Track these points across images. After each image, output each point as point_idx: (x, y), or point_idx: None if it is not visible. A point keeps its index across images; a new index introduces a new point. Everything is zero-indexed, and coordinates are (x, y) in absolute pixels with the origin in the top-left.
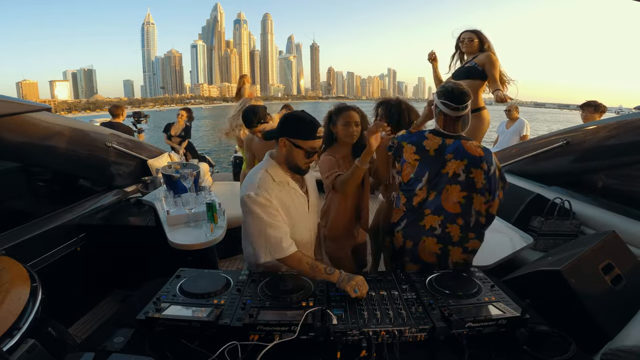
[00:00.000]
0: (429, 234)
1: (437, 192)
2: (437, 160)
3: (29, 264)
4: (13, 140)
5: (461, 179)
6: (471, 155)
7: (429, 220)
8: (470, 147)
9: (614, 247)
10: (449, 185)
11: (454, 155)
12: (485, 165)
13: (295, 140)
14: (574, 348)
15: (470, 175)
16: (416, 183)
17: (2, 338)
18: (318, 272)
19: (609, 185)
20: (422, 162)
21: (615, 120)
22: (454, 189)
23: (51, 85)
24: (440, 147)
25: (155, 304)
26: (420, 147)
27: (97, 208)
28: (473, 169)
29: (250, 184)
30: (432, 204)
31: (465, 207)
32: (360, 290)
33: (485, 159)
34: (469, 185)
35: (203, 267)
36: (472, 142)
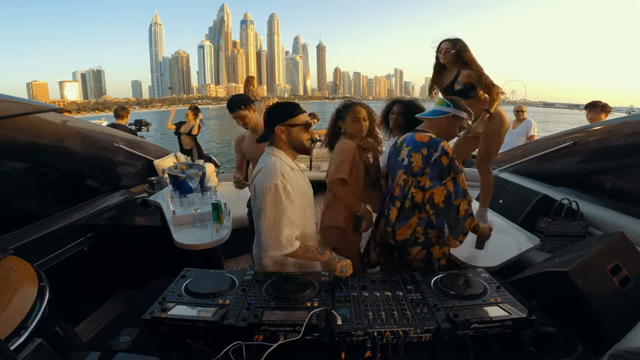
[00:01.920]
0: (381, 216)
1: (393, 177)
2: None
3: (36, 263)
4: (21, 140)
5: (405, 163)
6: (416, 140)
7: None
8: (419, 135)
9: (622, 248)
10: (398, 170)
11: (406, 144)
12: (425, 150)
13: (290, 121)
14: (581, 349)
15: (411, 159)
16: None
17: (9, 337)
18: (310, 253)
19: (617, 186)
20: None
21: (623, 120)
22: (400, 173)
23: (61, 86)
24: (404, 139)
25: (160, 304)
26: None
27: (103, 208)
28: (413, 153)
29: (272, 172)
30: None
31: (403, 188)
32: (346, 272)
33: (428, 144)
34: (408, 168)
35: (208, 267)
36: (425, 133)
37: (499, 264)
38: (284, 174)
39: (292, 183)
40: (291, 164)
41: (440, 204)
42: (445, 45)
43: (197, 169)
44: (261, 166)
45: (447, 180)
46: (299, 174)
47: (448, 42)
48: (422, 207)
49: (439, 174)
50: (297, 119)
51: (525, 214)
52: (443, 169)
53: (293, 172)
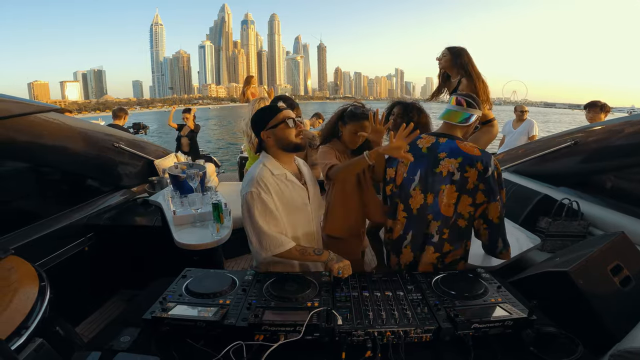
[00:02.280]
0: (428, 241)
1: (435, 194)
2: (429, 158)
3: (37, 263)
4: (22, 140)
5: (455, 177)
6: (466, 153)
7: (433, 226)
8: (465, 146)
9: (623, 248)
10: (444, 186)
11: (448, 154)
12: (480, 165)
13: (270, 123)
14: (582, 350)
15: (465, 174)
16: (409, 182)
17: (10, 337)
18: (307, 255)
19: (618, 186)
20: (415, 161)
21: (624, 120)
22: (450, 189)
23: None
24: (433, 145)
25: (161, 304)
26: (413, 145)
27: (104, 208)
28: (468, 167)
29: (250, 181)
30: (432, 208)
31: (455, 207)
32: (343, 273)
33: (482, 159)
34: (462, 184)
35: (209, 267)
36: (467, 143)
37: (500, 264)
38: (261, 181)
39: (272, 189)
40: (280, 171)
41: (495, 220)
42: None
43: (197, 169)
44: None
45: (500, 195)
46: (291, 180)
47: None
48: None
49: (494, 189)
50: (276, 118)
51: (525, 214)
52: (496, 185)
53: (278, 178)
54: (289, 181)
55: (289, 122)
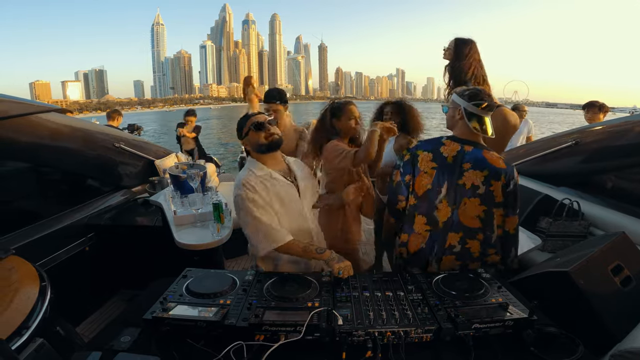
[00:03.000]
0: (448, 252)
1: (455, 206)
2: (454, 169)
3: (38, 263)
4: (23, 140)
5: (480, 191)
6: (493, 166)
7: (449, 238)
8: (492, 157)
9: (624, 249)
10: (467, 199)
11: (473, 165)
12: (504, 178)
13: (243, 132)
14: (582, 350)
15: (490, 187)
16: (434, 195)
17: (11, 337)
18: (310, 253)
19: (619, 186)
20: (440, 170)
21: (624, 120)
22: (473, 203)
23: (63, 86)
24: (459, 154)
25: (161, 304)
26: (437, 153)
27: (105, 208)
28: (493, 181)
29: (237, 184)
30: (451, 221)
31: (485, 221)
32: (343, 274)
33: (507, 172)
34: (488, 198)
35: (209, 267)
36: (493, 153)
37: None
38: (246, 183)
39: (259, 188)
40: (263, 172)
41: (511, 231)
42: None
43: (198, 169)
44: None
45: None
46: (276, 177)
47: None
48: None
49: (514, 203)
50: (246, 126)
51: (526, 214)
52: (517, 198)
53: (263, 178)
54: (274, 179)
55: (254, 127)
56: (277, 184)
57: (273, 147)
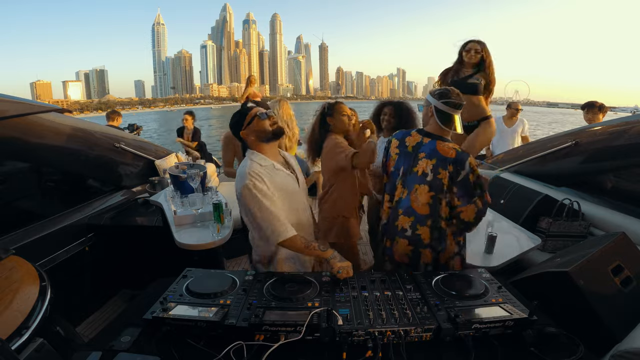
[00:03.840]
0: (401, 234)
1: (408, 191)
2: (411, 157)
3: (38, 263)
4: (23, 141)
5: (429, 178)
6: (441, 155)
7: (401, 221)
8: (443, 147)
9: (624, 249)
10: (418, 185)
11: (427, 154)
12: (451, 167)
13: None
14: (582, 350)
15: (438, 175)
16: (395, 176)
17: (11, 337)
18: (312, 249)
19: (619, 186)
20: (400, 156)
21: (624, 120)
22: (423, 189)
23: (64, 86)
24: (417, 145)
25: (162, 304)
26: (402, 142)
27: (105, 208)
28: (441, 169)
29: (242, 176)
30: (404, 204)
31: (433, 208)
32: (342, 273)
33: (455, 161)
34: (436, 185)
35: (209, 267)
36: (447, 144)
37: (501, 264)
38: (252, 172)
39: (265, 178)
40: (266, 162)
41: (470, 220)
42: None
43: (198, 169)
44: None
45: (476, 198)
46: (279, 168)
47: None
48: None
49: (468, 192)
50: (249, 115)
51: (526, 214)
52: (470, 187)
53: (266, 169)
54: (278, 170)
55: (260, 116)
56: (279, 174)
57: (278, 134)
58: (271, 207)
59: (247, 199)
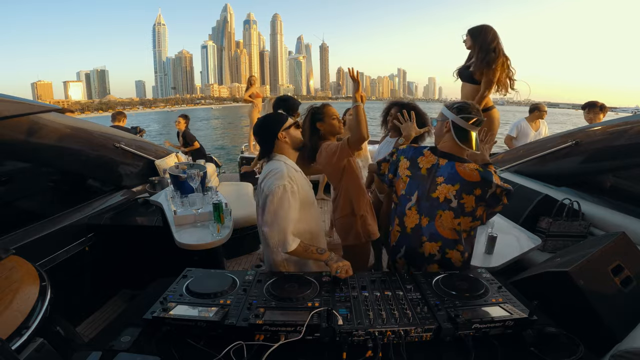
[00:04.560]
0: (430, 260)
1: (431, 218)
2: (427, 181)
3: (38, 263)
4: (23, 140)
5: (453, 204)
6: (464, 179)
7: (427, 247)
8: (464, 170)
9: (624, 249)
10: (442, 212)
11: (446, 179)
12: (479, 190)
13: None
14: (582, 350)
15: (461, 201)
16: (405, 201)
17: (11, 337)
18: (310, 252)
19: (619, 186)
20: (413, 180)
21: (625, 120)
22: (448, 216)
23: (65, 86)
24: (433, 167)
25: (162, 304)
26: (414, 163)
27: (105, 208)
28: (464, 194)
29: (281, 175)
30: (427, 230)
31: (460, 232)
32: (341, 273)
33: (481, 183)
34: (461, 210)
35: (209, 267)
36: (468, 165)
37: (501, 264)
38: (291, 176)
39: (297, 184)
40: (295, 166)
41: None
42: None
43: (198, 169)
44: (269, 170)
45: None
46: (302, 175)
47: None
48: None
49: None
50: (289, 121)
51: (526, 214)
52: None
53: (298, 173)
54: (305, 179)
55: (296, 125)
56: (306, 184)
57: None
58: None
59: (280, 198)
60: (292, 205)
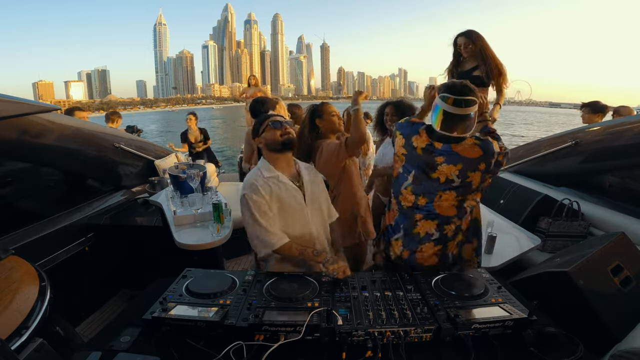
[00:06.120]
0: (425, 240)
1: (429, 199)
2: (425, 162)
3: (37, 263)
4: (23, 140)
5: (456, 184)
6: (466, 157)
7: (423, 226)
8: (463, 148)
9: (623, 249)
10: (442, 192)
11: (446, 159)
12: (483, 165)
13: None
14: (582, 350)
15: (467, 179)
16: (403, 180)
17: (10, 337)
18: (307, 255)
19: (619, 186)
20: (409, 159)
21: (624, 120)
22: (449, 195)
23: (66, 86)
24: (428, 147)
25: (161, 304)
26: (409, 141)
27: (105, 208)
28: (469, 172)
29: (245, 185)
30: (424, 209)
31: (459, 207)
32: (338, 274)
33: (484, 158)
34: (465, 188)
35: (209, 267)
36: (465, 142)
37: (500, 264)
38: (252, 185)
39: (264, 190)
40: (272, 174)
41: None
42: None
43: (197, 169)
44: None
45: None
46: (283, 181)
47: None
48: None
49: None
50: (262, 124)
51: (526, 214)
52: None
53: (269, 180)
54: (281, 182)
55: (273, 124)
56: (283, 187)
57: (287, 145)
58: (262, 219)
59: (244, 208)
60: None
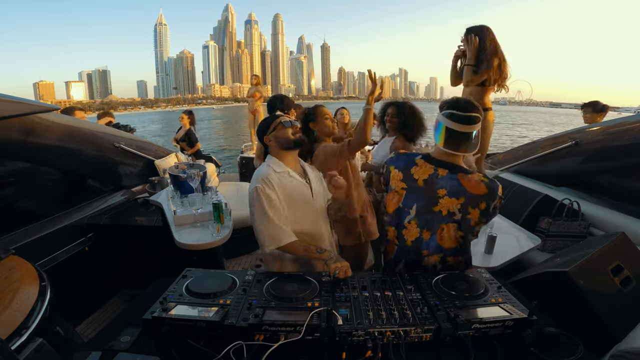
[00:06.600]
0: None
1: (433, 232)
2: (427, 194)
3: (37, 263)
4: (23, 140)
5: (457, 217)
6: (469, 193)
7: (430, 260)
8: (469, 183)
9: (623, 249)
10: (445, 225)
11: (448, 192)
12: (484, 204)
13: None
14: (582, 350)
15: (467, 215)
16: (404, 214)
17: (10, 337)
18: (310, 252)
19: (618, 186)
20: (410, 193)
21: (624, 120)
22: (451, 228)
23: (67, 86)
24: (431, 178)
25: (161, 304)
26: (407, 174)
27: (105, 208)
28: (470, 208)
29: (256, 178)
30: (429, 244)
31: (463, 243)
32: (339, 274)
33: (487, 197)
34: (465, 224)
35: (209, 267)
36: (472, 177)
37: (500, 264)
38: (265, 178)
39: (276, 185)
40: (282, 169)
41: None
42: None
43: (198, 169)
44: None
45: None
46: (293, 176)
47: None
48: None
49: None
50: (274, 123)
51: (526, 214)
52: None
53: (281, 175)
54: (292, 177)
55: (284, 123)
56: (294, 182)
57: (299, 143)
58: (274, 214)
59: (254, 201)
60: (267, 205)
